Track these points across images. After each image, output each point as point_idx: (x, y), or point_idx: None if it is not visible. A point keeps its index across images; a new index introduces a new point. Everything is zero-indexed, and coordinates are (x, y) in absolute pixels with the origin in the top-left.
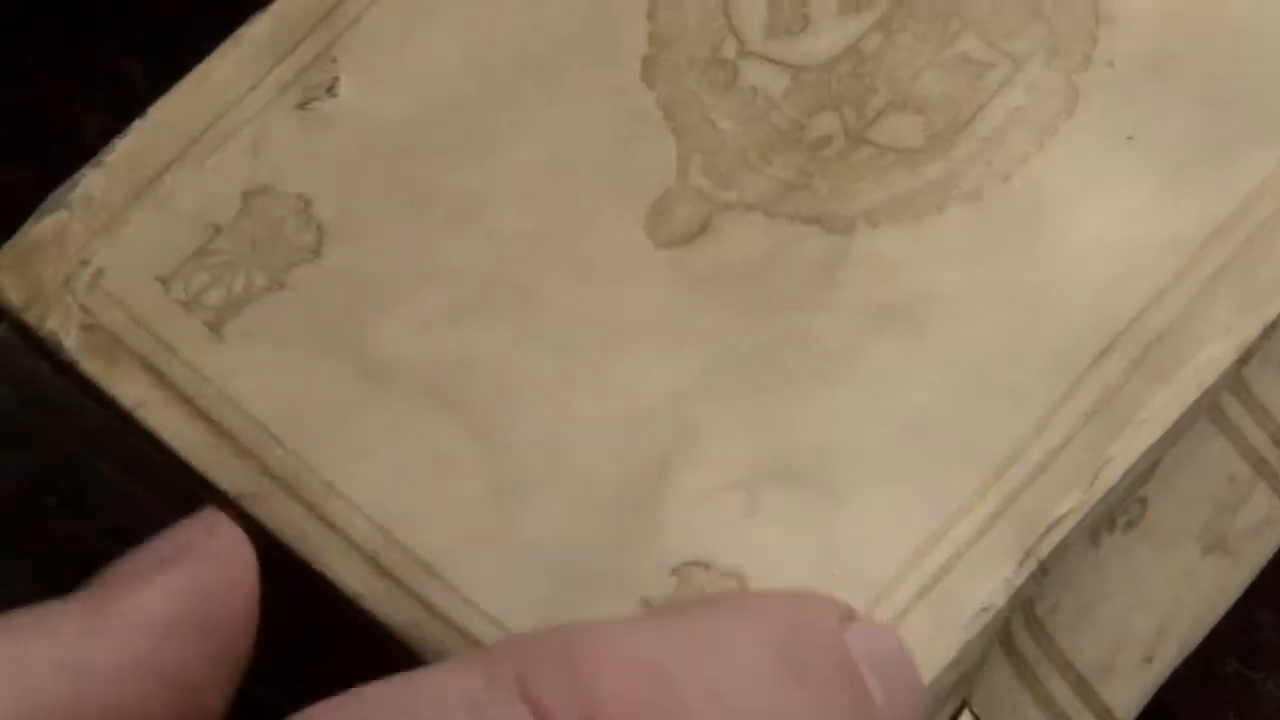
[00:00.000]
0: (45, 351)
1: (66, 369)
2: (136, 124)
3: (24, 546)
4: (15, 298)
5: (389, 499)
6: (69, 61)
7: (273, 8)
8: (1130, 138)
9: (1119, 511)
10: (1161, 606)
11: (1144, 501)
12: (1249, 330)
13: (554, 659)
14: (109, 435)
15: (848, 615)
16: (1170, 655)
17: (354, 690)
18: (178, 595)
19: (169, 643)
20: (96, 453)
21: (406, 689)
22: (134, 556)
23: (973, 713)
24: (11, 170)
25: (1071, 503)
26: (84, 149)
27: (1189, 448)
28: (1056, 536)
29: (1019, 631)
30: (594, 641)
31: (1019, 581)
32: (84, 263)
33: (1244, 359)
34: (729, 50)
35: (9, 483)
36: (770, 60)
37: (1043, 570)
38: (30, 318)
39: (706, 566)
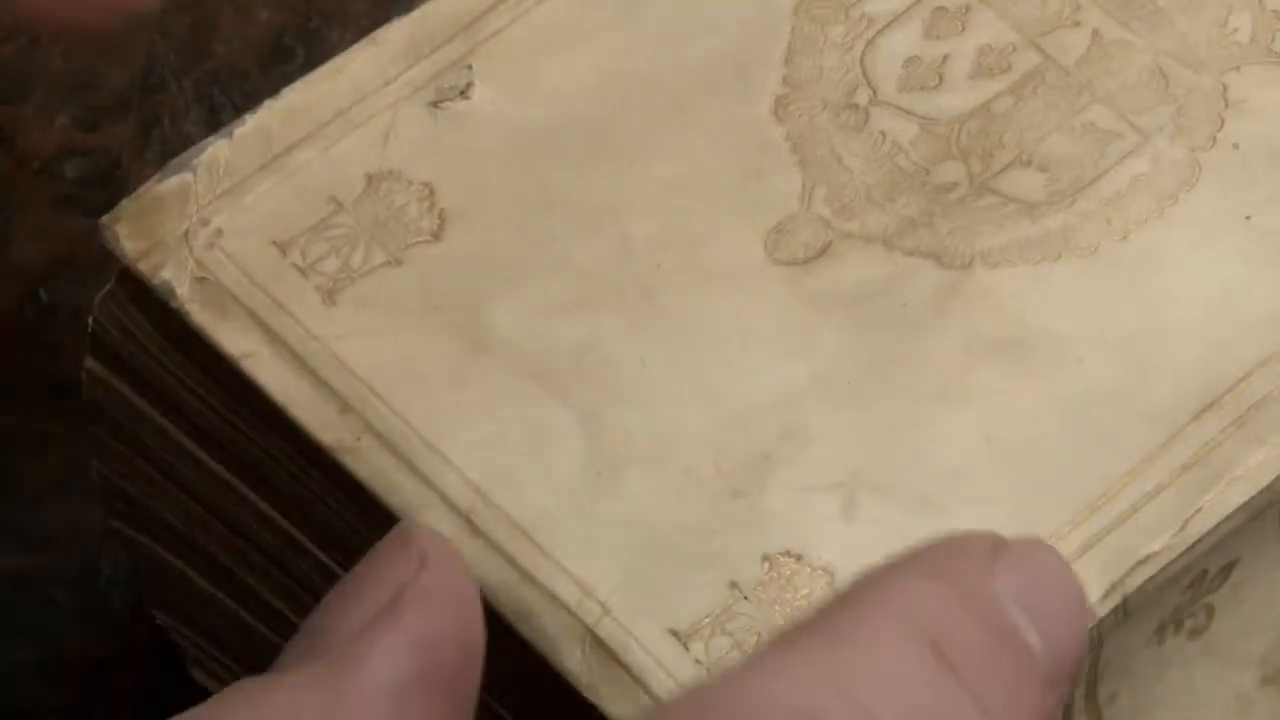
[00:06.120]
0: (151, 309)
1: (174, 324)
2: (268, 103)
3: None
4: (131, 247)
5: (487, 461)
6: None
7: (411, 15)
8: (1248, 218)
9: (1186, 614)
10: None
11: (1210, 611)
12: None
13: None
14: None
15: (997, 549)
16: None
17: None
18: (410, 652)
19: (410, 706)
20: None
21: None
22: (346, 599)
23: None
24: None
25: (1160, 545)
26: None
27: (1265, 567)
28: (1142, 575)
29: (1079, 713)
30: (746, 695)
31: (1103, 612)
32: (203, 221)
33: None
34: (861, 98)
35: None
36: (901, 110)
37: (1123, 612)
38: (145, 267)
39: (798, 558)
